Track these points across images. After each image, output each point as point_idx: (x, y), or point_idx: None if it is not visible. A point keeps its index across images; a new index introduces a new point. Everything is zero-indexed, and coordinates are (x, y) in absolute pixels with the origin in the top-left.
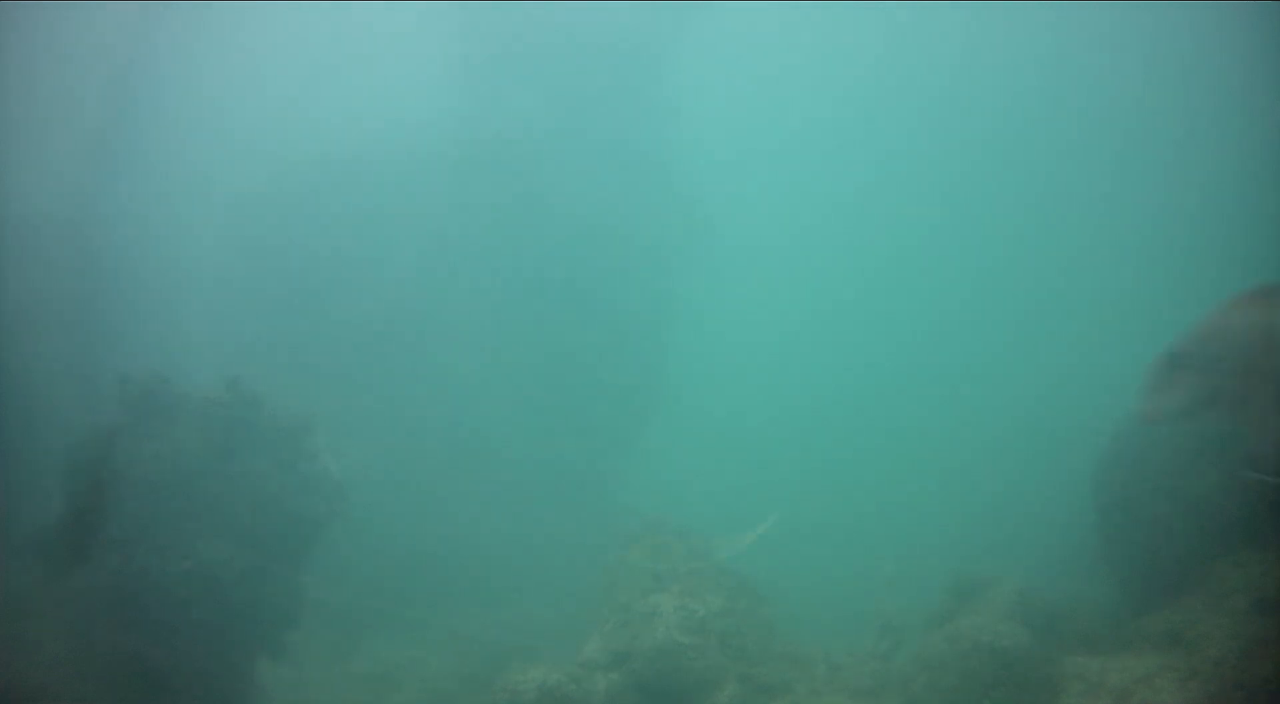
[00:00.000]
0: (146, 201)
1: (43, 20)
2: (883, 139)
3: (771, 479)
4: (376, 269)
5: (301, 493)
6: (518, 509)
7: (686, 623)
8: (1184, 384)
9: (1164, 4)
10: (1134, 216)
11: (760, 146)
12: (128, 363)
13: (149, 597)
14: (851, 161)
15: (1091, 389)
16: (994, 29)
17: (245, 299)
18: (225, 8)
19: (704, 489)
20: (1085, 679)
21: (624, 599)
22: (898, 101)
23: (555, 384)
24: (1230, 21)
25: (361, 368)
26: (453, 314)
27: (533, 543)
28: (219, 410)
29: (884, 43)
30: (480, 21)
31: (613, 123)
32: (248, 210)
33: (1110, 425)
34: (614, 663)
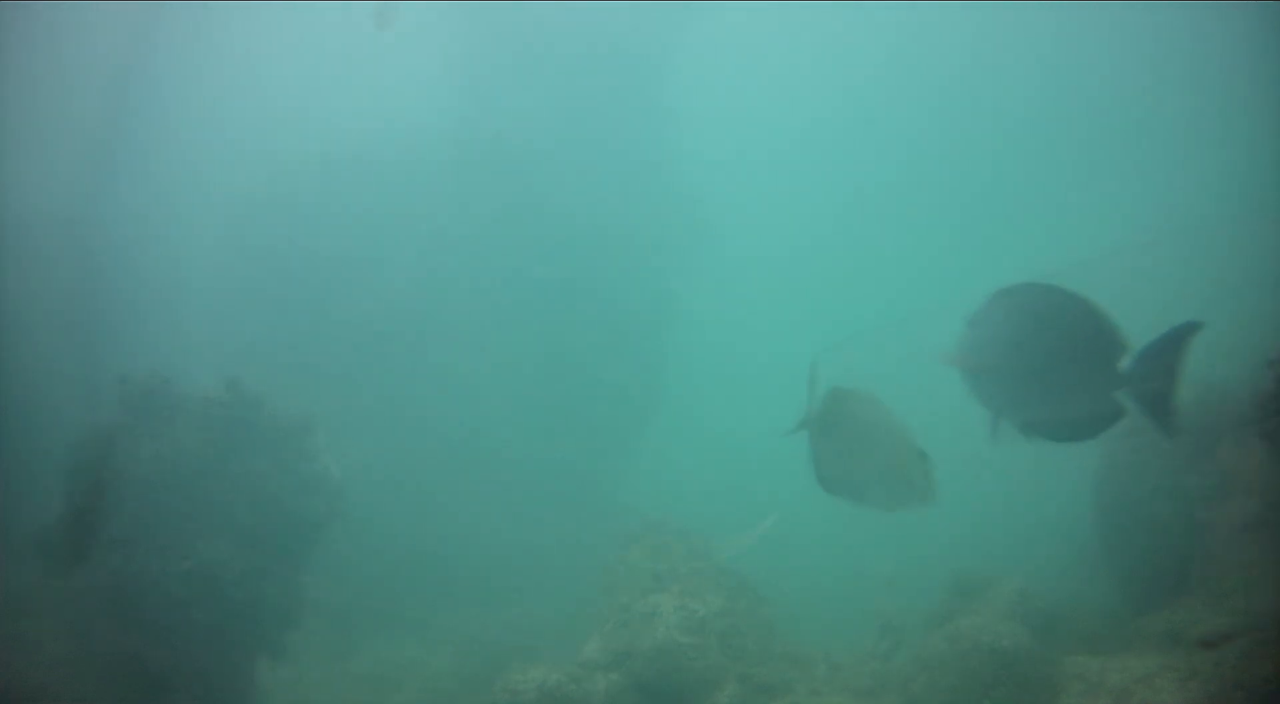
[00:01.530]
0: (146, 201)
1: (43, 20)
2: (886, 141)
3: (772, 479)
4: (376, 269)
5: (301, 493)
6: (518, 509)
7: (686, 623)
8: None
9: (1165, 4)
10: (1135, 217)
11: (761, 148)
12: (128, 363)
13: (149, 597)
14: (854, 163)
15: None
16: (998, 30)
17: (245, 299)
18: (225, 8)
19: (704, 489)
20: (1085, 679)
21: (624, 599)
22: (901, 103)
23: (555, 384)
24: (1231, 21)
25: (361, 368)
26: (453, 314)
27: (533, 543)
28: (219, 410)
29: (886, 44)
30: (480, 22)
31: (613, 123)
32: (248, 210)
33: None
34: (614, 663)
